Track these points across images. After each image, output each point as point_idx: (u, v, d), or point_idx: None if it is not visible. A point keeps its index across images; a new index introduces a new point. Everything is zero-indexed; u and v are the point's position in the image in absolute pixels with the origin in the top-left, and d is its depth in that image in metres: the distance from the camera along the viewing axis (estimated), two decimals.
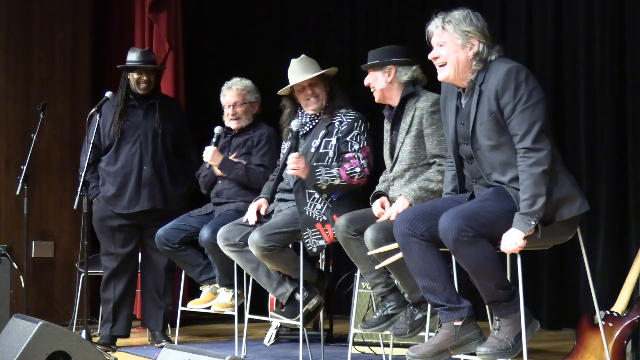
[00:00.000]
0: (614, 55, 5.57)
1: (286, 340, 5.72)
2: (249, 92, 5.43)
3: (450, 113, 3.77)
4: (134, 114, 5.55)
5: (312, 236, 4.55)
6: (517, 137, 3.54)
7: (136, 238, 5.61)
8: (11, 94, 6.53)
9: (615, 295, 4.25)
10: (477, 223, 3.47)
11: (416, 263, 3.64)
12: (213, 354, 3.45)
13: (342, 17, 7.28)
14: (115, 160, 5.52)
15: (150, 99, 5.58)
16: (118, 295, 5.57)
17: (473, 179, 3.73)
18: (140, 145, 5.53)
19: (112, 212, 5.51)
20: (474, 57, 3.65)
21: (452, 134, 3.75)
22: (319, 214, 4.59)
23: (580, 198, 3.61)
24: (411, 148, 4.23)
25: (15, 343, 4.09)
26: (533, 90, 3.55)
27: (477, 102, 3.62)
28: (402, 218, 3.66)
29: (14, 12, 6.56)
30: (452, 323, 3.62)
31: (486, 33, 3.67)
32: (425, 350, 3.64)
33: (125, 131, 5.51)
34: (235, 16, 7.56)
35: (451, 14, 3.68)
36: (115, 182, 5.51)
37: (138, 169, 5.51)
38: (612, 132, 5.58)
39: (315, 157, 4.67)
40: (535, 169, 3.49)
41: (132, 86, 5.55)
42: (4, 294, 5.72)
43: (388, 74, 4.31)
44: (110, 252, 5.55)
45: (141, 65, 5.51)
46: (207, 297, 5.30)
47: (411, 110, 4.25)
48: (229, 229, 4.75)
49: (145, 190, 5.51)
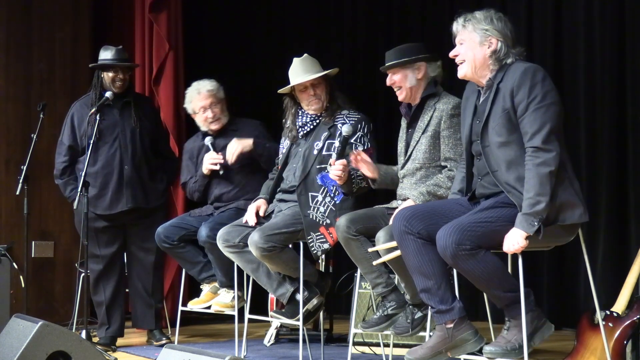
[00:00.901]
0: (614, 55, 5.57)
1: (286, 340, 5.72)
2: (217, 89, 5.45)
3: (468, 111, 3.78)
4: (109, 114, 5.48)
5: (317, 240, 4.55)
6: (528, 135, 3.54)
7: (120, 238, 5.58)
8: (11, 94, 6.53)
9: (615, 295, 4.25)
10: (474, 235, 3.48)
11: (412, 261, 3.67)
12: (213, 354, 3.45)
13: (342, 17, 7.28)
14: (94, 160, 5.45)
15: (124, 97, 5.54)
16: (109, 296, 5.55)
17: (479, 175, 3.73)
18: (119, 144, 5.49)
19: (94, 214, 5.44)
20: (491, 55, 3.66)
21: (467, 131, 3.76)
22: (323, 218, 4.59)
23: (582, 207, 3.60)
24: (426, 148, 4.21)
25: (15, 343, 4.09)
26: (548, 92, 3.56)
27: (493, 99, 3.63)
28: (400, 215, 3.68)
29: (14, 12, 6.56)
30: (444, 325, 3.64)
31: (507, 34, 3.67)
32: (421, 353, 3.66)
33: (102, 131, 5.44)
34: (235, 16, 7.56)
35: (474, 14, 3.71)
36: (96, 183, 5.44)
37: (119, 169, 5.48)
38: (612, 133, 5.58)
39: (318, 159, 4.67)
40: (542, 168, 3.49)
41: (106, 85, 5.49)
42: (4, 294, 5.72)
43: (419, 70, 4.26)
44: (95, 255, 5.51)
45: (116, 63, 5.48)
46: (207, 297, 5.30)
47: (430, 110, 4.23)
48: (229, 230, 4.74)
49: (127, 190, 5.48)
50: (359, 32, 7.16)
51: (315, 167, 4.67)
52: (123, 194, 5.47)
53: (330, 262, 5.66)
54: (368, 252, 4.16)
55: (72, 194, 5.43)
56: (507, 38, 3.67)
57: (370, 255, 4.16)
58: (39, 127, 5.51)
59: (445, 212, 3.67)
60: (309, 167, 4.69)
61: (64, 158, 5.52)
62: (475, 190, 3.75)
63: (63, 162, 5.51)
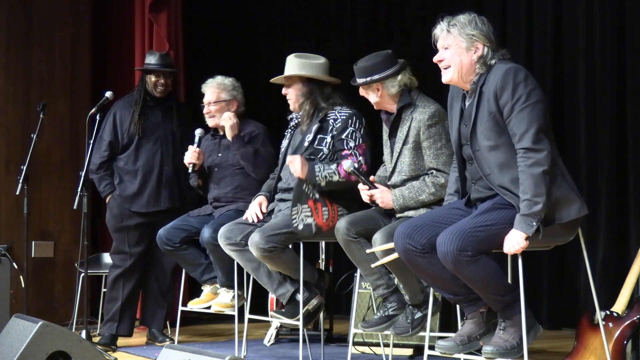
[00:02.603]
0: (614, 55, 5.56)
1: (286, 340, 5.72)
2: (223, 90, 5.42)
3: (455, 115, 3.78)
4: (152, 115, 5.61)
5: (302, 212, 4.47)
6: (516, 136, 3.54)
7: (148, 237, 5.61)
8: (11, 94, 6.53)
9: (615, 295, 4.25)
10: (475, 240, 3.48)
11: (426, 273, 3.69)
12: (213, 354, 3.45)
13: (342, 17, 7.28)
14: (135, 158, 5.56)
15: (166, 101, 5.64)
16: (127, 294, 5.59)
17: (472, 180, 3.73)
18: (160, 145, 5.59)
19: (129, 211, 5.55)
20: (477, 60, 3.65)
21: (456, 135, 3.75)
22: (314, 193, 4.54)
23: (578, 201, 3.60)
24: (410, 160, 4.21)
25: (15, 343, 4.09)
26: (532, 91, 3.55)
27: (478, 103, 3.62)
28: (401, 233, 3.66)
29: (14, 12, 6.56)
30: (478, 311, 3.67)
31: (491, 37, 3.67)
32: (456, 340, 3.66)
33: (145, 130, 5.56)
34: (235, 16, 7.56)
35: (457, 18, 3.68)
36: (136, 181, 5.55)
37: (159, 168, 5.57)
38: (612, 133, 5.58)
39: (309, 152, 4.65)
40: (535, 169, 3.49)
41: (149, 88, 5.59)
42: (4, 294, 5.72)
43: (377, 89, 4.26)
44: (123, 251, 5.58)
45: (159, 68, 5.56)
46: (207, 297, 5.29)
47: (408, 120, 4.22)
48: (231, 228, 4.74)
49: (165, 190, 5.57)
50: (359, 32, 7.16)
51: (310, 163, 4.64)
52: (161, 193, 5.55)
53: (330, 262, 5.66)
54: (368, 254, 4.16)
55: (105, 189, 5.53)
56: (492, 42, 3.67)
57: (370, 257, 4.16)
58: (39, 127, 5.51)
59: (445, 220, 3.66)
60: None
61: (104, 153, 5.56)
62: (470, 195, 3.75)
63: (102, 156, 5.55)
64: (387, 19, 6.96)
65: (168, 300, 5.72)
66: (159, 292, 5.69)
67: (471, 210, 3.69)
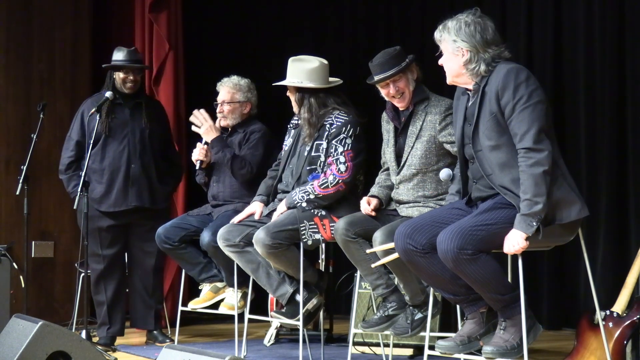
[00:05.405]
0: (614, 55, 5.57)
1: (286, 340, 5.72)
2: (238, 91, 5.42)
3: (459, 114, 3.80)
4: (120, 112, 5.52)
5: (309, 229, 4.51)
6: (517, 136, 3.54)
7: (122, 239, 5.58)
8: (11, 94, 6.52)
9: (615, 295, 4.25)
10: (475, 239, 3.49)
11: (426, 273, 3.70)
12: (213, 354, 3.45)
13: (342, 17, 7.27)
14: (102, 157, 5.48)
15: (136, 98, 5.57)
16: (110, 296, 5.54)
17: (474, 179, 3.74)
18: (128, 143, 5.50)
19: (98, 212, 5.47)
20: (465, 64, 3.67)
21: (459, 135, 3.77)
22: (319, 210, 4.56)
23: (579, 203, 3.61)
24: (422, 153, 4.21)
25: (15, 343, 4.10)
26: (533, 91, 3.56)
27: (480, 103, 3.64)
28: (401, 233, 3.68)
29: (14, 12, 6.55)
30: (478, 312, 3.68)
31: (477, 39, 3.64)
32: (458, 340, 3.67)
33: (112, 129, 5.48)
34: (235, 16, 7.56)
35: (445, 23, 3.73)
36: (102, 180, 5.47)
37: (126, 167, 5.49)
38: (612, 133, 5.58)
39: (308, 161, 4.66)
40: (536, 169, 3.49)
41: (117, 85, 5.52)
42: (4, 294, 5.73)
43: (412, 73, 4.27)
44: (97, 254, 5.51)
45: (128, 64, 5.50)
46: (207, 296, 5.29)
47: (422, 114, 4.23)
48: (230, 230, 4.73)
49: (133, 188, 5.49)
50: (359, 32, 7.16)
51: (305, 168, 4.66)
52: (129, 192, 5.48)
53: (330, 262, 5.66)
54: (367, 254, 4.16)
55: (74, 190, 5.39)
56: (478, 44, 3.65)
57: (370, 257, 4.16)
58: (39, 127, 5.51)
59: (445, 220, 3.67)
60: (300, 169, 4.69)
61: (71, 153, 5.53)
62: (471, 194, 3.75)
63: (69, 156, 5.52)
64: (387, 19, 6.95)
65: (156, 299, 5.68)
66: (145, 293, 5.65)
67: (472, 209, 3.70)
